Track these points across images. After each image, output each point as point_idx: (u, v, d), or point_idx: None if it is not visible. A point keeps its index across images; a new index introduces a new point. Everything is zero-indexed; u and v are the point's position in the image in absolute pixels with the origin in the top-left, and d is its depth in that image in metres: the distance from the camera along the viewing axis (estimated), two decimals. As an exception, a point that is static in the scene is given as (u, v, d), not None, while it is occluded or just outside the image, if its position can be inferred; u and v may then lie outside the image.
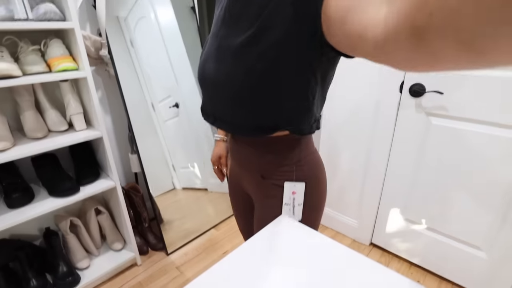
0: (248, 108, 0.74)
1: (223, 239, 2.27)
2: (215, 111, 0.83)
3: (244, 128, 0.79)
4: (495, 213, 1.54)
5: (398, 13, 0.36)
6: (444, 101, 1.56)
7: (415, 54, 0.37)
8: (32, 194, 1.58)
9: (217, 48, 0.75)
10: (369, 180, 1.98)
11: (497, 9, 0.24)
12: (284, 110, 0.74)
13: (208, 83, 0.80)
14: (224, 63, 0.73)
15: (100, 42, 1.76)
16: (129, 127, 1.89)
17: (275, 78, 0.68)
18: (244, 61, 0.68)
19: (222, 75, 0.73)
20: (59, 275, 1.69)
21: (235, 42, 0.69)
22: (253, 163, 0.91)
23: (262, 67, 0.67)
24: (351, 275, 0.69)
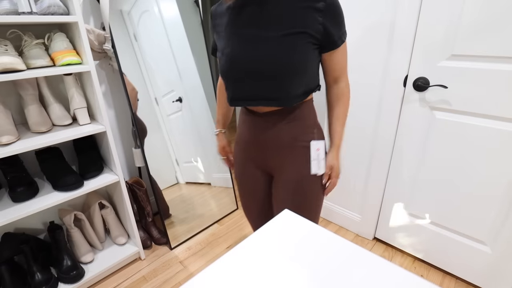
0: (290, 82, 0.97)
1: (226, 233, 2.28)
2: (257, 92, 1.01)
3: (292, 97, 1.01)
4: (499, 207, 1.54)
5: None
6: (448, 95, 1.55)
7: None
8: (36, 188, 1.58)
9: (251, 43, 0.97)
10: (372, 174, 1.98)
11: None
12: (310, 78, 1.03)
13: (248, 71, 0.98)
14: (266, 50, 0.95)
15: (103, 36, 1.76)
16: (133, 121, 1.89)
17: (307, 58, 0.96)
18: (288, 52, 0.93)
19: (268, 58, 0.95)
20: (63, 269, 1.70)
21: (274, 34, 0.93)
22: (282, 133, 1.09)
23: (300, 50, 0.94)
24: (354, 270, 0.69)
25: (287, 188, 1.14)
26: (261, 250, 0.76)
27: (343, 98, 1.10)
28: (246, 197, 1.31)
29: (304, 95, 1.04)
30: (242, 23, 0.99)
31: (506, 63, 1.35)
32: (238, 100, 1.06)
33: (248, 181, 1.26)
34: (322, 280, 0.67)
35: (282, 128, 1.08)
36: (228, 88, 1.07)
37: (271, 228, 0.84)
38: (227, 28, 1.03)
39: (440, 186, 1.71)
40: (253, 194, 1.27)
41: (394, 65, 1.67)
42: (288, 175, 1.13)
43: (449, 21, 1.45)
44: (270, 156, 1.14)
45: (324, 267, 0.70)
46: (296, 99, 1.02)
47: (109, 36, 1.74)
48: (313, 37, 0.94)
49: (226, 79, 1.05)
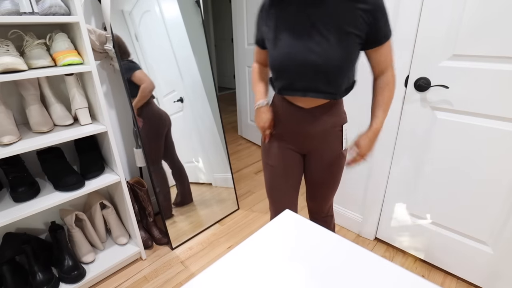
0: (341, 77, 1.10)
1: (227, 233, 2.28)
2: (307, 85, 1.13)
3: (340, 92, 1.15)
4: (501, 208, 1.54)
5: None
6: (450, 95, 1.55)
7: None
8: (37, 188, 1.59)
9: (304, 43, 1.07)
10: (374, 174, 1.98)
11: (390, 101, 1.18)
12: (352, 74, 1.16)
13: (302, 66, 1.09)
14: (319, 52, 1.05)
15: (105, 36, 1.76)
16: (134, 121, 1.89)
17: (354, 57, 1.09)
18: (340, 50, 1.05)
19: (323, 60, 1.06)
20: (64, 269, 1.70)
21: (327, 33, 1.04)
22: (326, 124, 1.25)
23: (350, 50, 1.06)
24: (355, 270, 0.69)
25: (323, 164, 1.35)
26: (262, 250, 0.76)
27: (387, 87, 1.18)
28: (277, 174, 1.41)
29: (349, 89, 1.20)
30: (296, 19, 1.09)
31: (508, 63, 1.35)
32: (288, 90, 1.18)
33: (285, 164, 1.38)
34: (323, 280, 0.67)
35: (326, 120, 1.24)
36: (278, 78, 1.19)
37: (272, 228, 0.84)
38: (280, 21, 1.13)
39: (441, 186, 1.71)
40: (288, 174, 1.40)
41: (395, 65, 1.67)
42: (324, 153, 1.33)
43: (450, 21, 1.45)
44: (310, 142, 1.31)
45: (325, 267, 0.70)
46: (342, 94, 1.17)
47: (110, 36, 1.74)
48: (360, 37, 1.05)
49: (278, 70, 1.16)
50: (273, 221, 0.87)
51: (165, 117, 2.06)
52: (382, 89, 1.19)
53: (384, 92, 1.19)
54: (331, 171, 1.37)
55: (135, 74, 1.90)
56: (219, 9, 6.30)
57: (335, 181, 1.41)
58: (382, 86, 1.19)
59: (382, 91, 1.19)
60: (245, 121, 4.03)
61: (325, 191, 1.45)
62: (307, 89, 1.14)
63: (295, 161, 1.38)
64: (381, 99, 1.20)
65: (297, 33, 1.09)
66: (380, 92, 1.20)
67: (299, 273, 0.69)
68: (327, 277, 0.67)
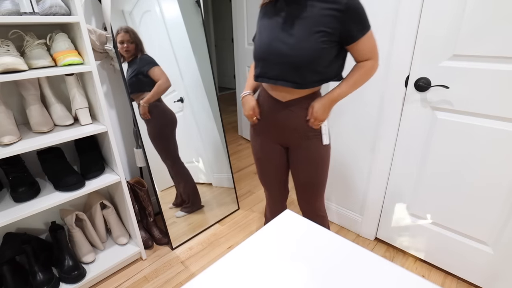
0: (307, 69, 1.19)
1: (227, 233, 2.28)
2: (278, 74, 1.24)
3: (308, 82, 1.23)
4: (501, 208, 1.54)
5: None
6: (450, 96, 1.55)
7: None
8: (38, 188, 1.59)
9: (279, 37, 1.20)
10: (374, 174, 1.98)
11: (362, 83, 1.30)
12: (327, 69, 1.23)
13: (275, 56, 1.22)
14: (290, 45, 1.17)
15: (105, 36, 1.76)
16: (134, 121, 1.89)
17: (323, 52, 1.17)
18: (308, 44, 1.15)
19: (292, 52, 1.17)
20: (65, 269, 1.70)
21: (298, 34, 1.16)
22: (300, 118, 1.32)
23: (317, 46, 1.15)
24: (355, 270, 0.69)
25: (305, 159, 1.42)
26: (262, 250, 0.76)
27: (361, 69, 1.27)
28: (264, 165, 1.57)
29: (320, 82, 1.26)
30: (276, 16, 1.24)
31: (508, 63, 1.35)
32: (263, 77, 1.30)
33: (266, 153, 1.51)
34: (323, 280, 0.67)
35: (302, 114, 1.32)
36: (256, 66, 1.32)
37: (272, 228, 0.84)
38: (265, 18, 1.29)
39: (441, 186, 1.71)
40: (270, 161, 1.53)
41: (395, 65, 1.67)
42: (305, 149, 1.40)
43: (450, 21, 1.45)
44: (288, 135, 1.39)
45: (325, 267, 0.70)
46: (311, 84, 1.24)
47: (110, 36, 1.74)
48: (331, 34, 1.15)
49: (256, 58, 1.31)
50: (273, 221, 0.87)
51: (174, 115, 2.11)
52: (356, 69, 1.28)
53: (355, 71, 1.28)
54: (314, 167, 1.43)
55: (155, 69, 1.96)
56: (219, 9, 6.30)
57: (318, 177, 1.46)
58: (357, 67, 1.28)
59: (354, 71, 1.29)
60: (245, 121, 4.03)
61: (310, 188, 1.51)
62: (278, 78, 1.25)
63: (276, 153, 1.50)
64: (350, 75, 1.29)
65: (274, 28, 1.23)
66: (353, 70, 1.29)
67: (299, 273, 0.69)
68: (327, 277, 0.67)
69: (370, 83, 1.82)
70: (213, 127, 2.34)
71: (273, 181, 1.61)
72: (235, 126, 4.62)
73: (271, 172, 1.58)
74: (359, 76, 1.28)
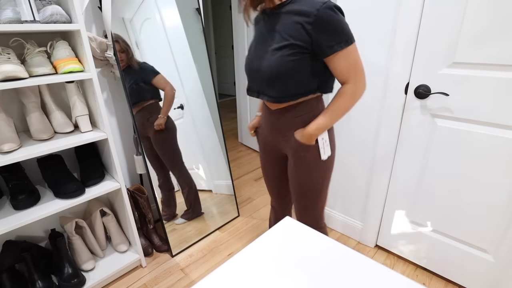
0: (279, 83, 1.17)
1: (228, 240, 2.27)
2: (259, 89, 1.26)
3: (284, 96, 1.20)
4: (502, 215, 1.53)
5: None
6: (450, 103, 1.55)
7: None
8: (38, 196, 1.58)
9: (258, 52, 1.23)
10: (374, 181, 1.97)
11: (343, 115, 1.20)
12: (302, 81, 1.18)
13: (255, 72, 1.24)
14: (264, 60, 1.18)
15: (105, 44, 1.77)
16: (134, 128, 1.90)
17: (295, 65, 1.13)
18: (278, 58, 1.14)
19: (264, 67, 1.18)
20: (64, 276, 1.69)
21: (270, 48, 1.17)
22: (290, 126, 1.29)
23: (287, 59, 1.12)
24: (356, 277, 0.69)
25: (301, 170, 1.35)
26: (263, 258, 0.76)
27: (341, 97, 1.18)
28: (265, 172, 1.61)
29: (301, 95, 1.21)
30: (255, 36, 1.29)
31: (508, 71, 1.35)
32: (250, 91, 1.33)
33: (266, 160, 1.55)
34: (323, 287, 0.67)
35: (288, 123, 1.29)
36: (247, 81, 1.35)
37: (272, 235, 0.84)
38: (254, 31, 1.33)
39: (442, 193, 1.71)
40: (270, 169, 1.56)
41: (395, 73, 1.68)
42: (302, 160, 1.33)
43: (450, 29, 1.46)
44: (283, 144, 1.37)
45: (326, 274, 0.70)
46: (289, 98, 1.21)
47: (111, 44, 1.75)
48: (302, 47, 1.11)
49: (246, 74, 1.34)
50: (274, 228, 0.87)
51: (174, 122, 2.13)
52: (336, 96, 1.20)
53: (335, 99, 1.20)
54: (310, 180, 1.36)
55: (159, 78, 1.99)
56: (219, 16, 6.33)
57: (314, 191, 1.39)
58: (338, 93, 1.19)
59: (334, 98, 1.21)
60: (245, 128, 4.04)
61: (305, 201, 1.43)
62: (259, 92, 1.27)
63: (275, 161, 1.51)
64: (330, 104, 1.21)
65: (257, 44, 1.26)
66: (333, 98, 1.21)
67: (300, 280, 0.69)
68: (327, 284, 0.67)
69: (370, 90, 1.82)
70: (213, 134, 2.34)
71: (274, 187, 1.62)
72: (235, 133, 4.62)
73: (271, 179, 1.59)
74: (338, 105, 1.19)
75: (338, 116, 1.22)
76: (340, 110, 1.20)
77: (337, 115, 1.21)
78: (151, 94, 1.96)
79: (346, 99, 1.17)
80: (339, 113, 1.21)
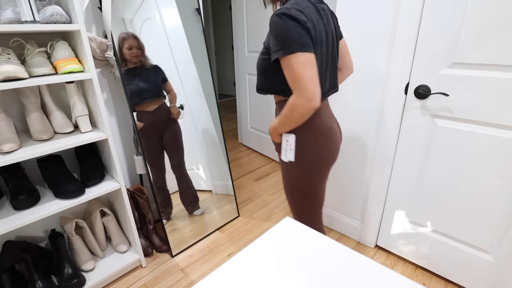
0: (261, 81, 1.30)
1: (227, 241, 2.27)
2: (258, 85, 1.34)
3: (260, 88, 1.32)
4: (502, 216, 1.53)
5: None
6: (450, 103, 1.55)
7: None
8: (38, 196, 1.58)
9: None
10: (374, 182, 1.97)
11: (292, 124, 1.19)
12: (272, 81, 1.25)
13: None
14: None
15: (105, 44, 1.77)
16: (134, 129, 1.90)
17: (262, 66, 1.25)
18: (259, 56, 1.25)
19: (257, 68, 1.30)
20: (64, 277, 1.69)
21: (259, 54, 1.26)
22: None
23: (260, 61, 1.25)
24: (356, 278, 0.69)
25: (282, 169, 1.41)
26: (262, 258, 0.76)
27: (286, 106, 1.15)
28: None
29: (273, 92, 1.29)
30: None
31: (508, 71, 1.36)
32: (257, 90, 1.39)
33: None
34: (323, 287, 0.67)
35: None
36: None
37: (272, 235, 0.84)
38: None
39: (442, 194, 1.71)
40: None
41: (395, 73, 1.68)
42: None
43: (450, 29, 1.46)
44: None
45: (326, 274, 0.70)
46: (261, 91, 1.33)
47: (111, 44, 1.75)
48: (267, 49, 1.18)
49: None
50: (273, 228, 0.87)
51: None
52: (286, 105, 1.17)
53: (285, 107, 1.16)
54: (284, 177, 1.41)
55: (169, 81, 2.07)
56: (219, 17, 6.33)
57: (287, 191, 1.44)
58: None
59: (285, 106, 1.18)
60: (245, 128, 4.04)
61: (287, 199, 1.48)
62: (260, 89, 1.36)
63: None
64: (282, 110, 1.18)
65: None
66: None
67: (300, 280, 0.69)
68: (327, 284, 0.67)
69: (370, 90, 1.82)
70: (213, 134, 2.34)
71: None
72: (235, 133, 4.62)
73: None
74: (283, 113, 1.17)
75: (285, 124, 1.21)
76: (284, 119, 1.19)
77: (284, 123, 1.21)
78: (164, 93, 2.03)
79: (288, 109, 1.14)
80: (284, 121, 1.20)
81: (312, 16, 1.08)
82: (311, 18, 1.08)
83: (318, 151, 1.28)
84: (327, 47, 1.20)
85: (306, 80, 1.05)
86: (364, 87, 1.85)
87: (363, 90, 1.86)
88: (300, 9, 1.05)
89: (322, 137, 1.27)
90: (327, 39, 1.19)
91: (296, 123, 1.19)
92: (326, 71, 1.24)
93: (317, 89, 1.07)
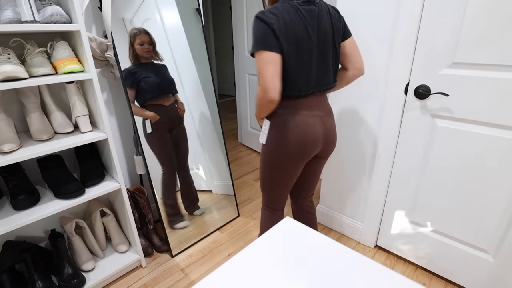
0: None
1: (227, 241, 2.27)
2: None
3: None
4: (502, 216, 1.53)
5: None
6: (449, 103, 1.55)
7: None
8: (38, 196, 1.58)
9: None
10: (374, 182, 1.97)
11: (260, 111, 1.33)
12: None
13: None
14: None
15: (105, 44, 1.77)
16: (134, 129, 1.90)
17: None
18: None
19: None
20: (64, 277, 1.69)
21: None
22: None
23: None
24: (356, 278, 0.69)
25: None
26: (262, 258, 0.76)
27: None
28: None
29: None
30: None
31: (507, 71, 1.36)
32: None
33: None
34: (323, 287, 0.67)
35: None
36: None
37: (272, 235, 0.84)
38: None
39: (442, 194, 1.71)
40: None
41: (395, 73, 1.68)
42: None
43: (450, 29, 1.46)
44: None
45: (325, 274, 0.70)
46: None
47: (111, 44, 1.75)
48: None
49: None
50: (273, 228, 0.87)
51: None
52: None
53: None
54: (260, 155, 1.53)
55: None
56: (219, 17, 6.33)
57: (260, 166, 1.56)
58: None
59: None
60: (245, 128, 4.04)
61: None
62: None
63: None
64: None
65: None
66: None
67: (299, 280, 0.69)
68: (327, 284, 0.67)
69: (370, 90, 1.82)
70: (213, 134, 2.34)
71: None
72: (235, 133, 4.62)
73: None
74: (256, 103, 1.32)
75: (257, 110, 1.36)
76: (256, 106, 1.34)
77: (257, 109, 1.36)
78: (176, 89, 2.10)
79: (257, 99, 1.29)
80: (257, 108, 1.35)
81: (286, 17, 1.18)
82: (284, 20, 1.18)
83: (281, 143, 1.39)
84: (312, 46, 1.27)
85: (264, 75, 1.19)
86: (364, 87, 1.85)
87: (363, 90, 1.86)
88: (274, 12, 1.17)
89: (287, 131, 1.36)
90: (309, 38, 1.25)
91: (262, 111, 1.34)
92: (311, 67, 1.30)
93: (274, 83, 1.19)
